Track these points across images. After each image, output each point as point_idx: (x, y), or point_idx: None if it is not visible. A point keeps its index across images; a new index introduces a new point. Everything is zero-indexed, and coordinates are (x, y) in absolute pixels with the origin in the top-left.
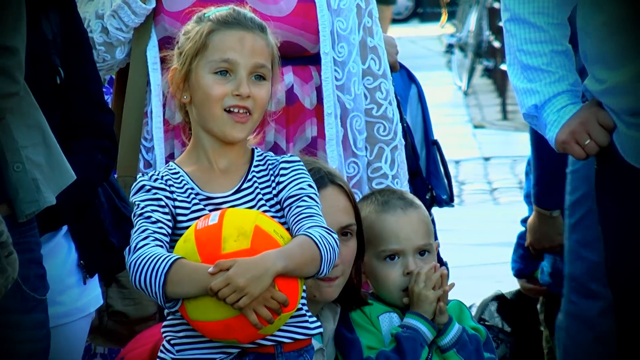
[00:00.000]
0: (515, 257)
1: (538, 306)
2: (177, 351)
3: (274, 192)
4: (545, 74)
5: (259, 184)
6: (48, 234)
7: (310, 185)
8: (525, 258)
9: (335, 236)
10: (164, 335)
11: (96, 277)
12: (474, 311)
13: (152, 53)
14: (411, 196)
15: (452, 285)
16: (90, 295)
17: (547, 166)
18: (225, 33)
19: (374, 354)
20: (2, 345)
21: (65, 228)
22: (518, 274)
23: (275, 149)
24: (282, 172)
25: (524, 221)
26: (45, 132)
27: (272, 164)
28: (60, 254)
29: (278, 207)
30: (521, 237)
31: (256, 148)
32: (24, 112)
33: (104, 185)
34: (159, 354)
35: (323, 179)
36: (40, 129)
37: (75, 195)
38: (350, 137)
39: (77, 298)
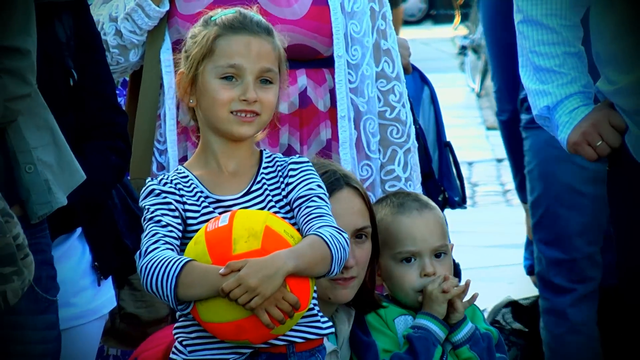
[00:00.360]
0: (526, 254)
1: None
2: (189, 352)
3: (284, 193)
4: (558, 75)
5: (268, 185)
6: (62, 236)
7: (319, 186)
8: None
9: (346, 235)
10: (176, 336)
11: (109, 279)
12: (486, 315)
13: (166, 56)
14: (426, 198)
15: (468, 282)
16: (104, 297)
17: (520, 164)
18: (232, 38)
19: (389, 356)
20: (15, 346)
21: (79, 230)
22: (529, 271)
23: (290, 151)
24: (291, 173)
25: None
26: (54, 132)
27: (281, 165)
28: (74, 255)
29: (288, 208)
30: None
31: (265, 150)
32: (34, 112)
33: (118, 187)
34: (171, 355)
35: (338, 181)
36: (50, 129)
37: (89, 196)
38: (363, 140)
39: (91, 300)
